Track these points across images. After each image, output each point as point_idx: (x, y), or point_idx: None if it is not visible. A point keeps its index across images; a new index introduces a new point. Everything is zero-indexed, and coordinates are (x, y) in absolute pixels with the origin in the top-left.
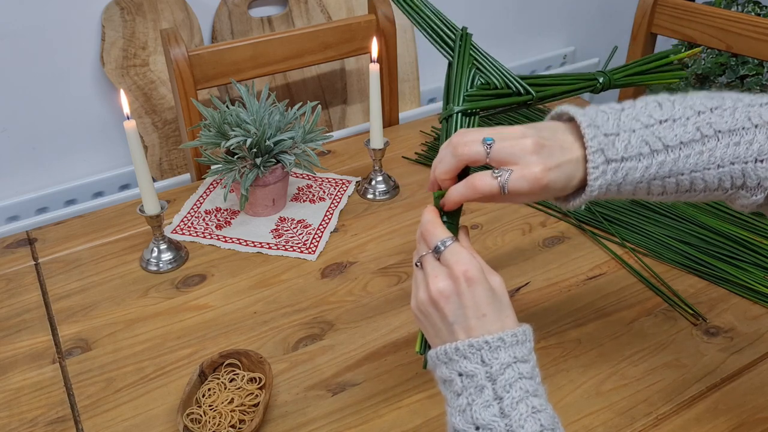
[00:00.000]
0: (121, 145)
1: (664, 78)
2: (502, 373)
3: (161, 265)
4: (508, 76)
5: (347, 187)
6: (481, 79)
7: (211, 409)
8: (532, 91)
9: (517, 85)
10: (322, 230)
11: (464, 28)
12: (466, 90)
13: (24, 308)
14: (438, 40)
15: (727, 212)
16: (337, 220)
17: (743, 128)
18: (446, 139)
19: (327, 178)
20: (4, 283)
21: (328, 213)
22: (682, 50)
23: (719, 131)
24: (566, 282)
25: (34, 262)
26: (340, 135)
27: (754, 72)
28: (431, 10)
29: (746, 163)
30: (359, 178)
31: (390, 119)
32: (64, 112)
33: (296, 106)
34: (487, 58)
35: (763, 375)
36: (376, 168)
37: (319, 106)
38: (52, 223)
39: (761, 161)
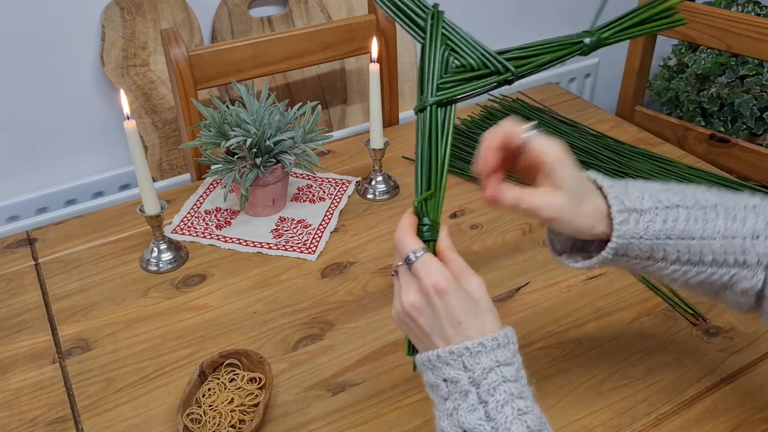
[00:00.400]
0: (121, 145)
1: (662, 26)
2: (485, 377)
3: (161, 265)
4: (485, 53)
5: (347, 187)
6: (456, 61)
7: (211, 409)
8: (512, 68)
9: (495, 62)
10: (322, 230)
11: (435, 6)
12: (440, 76)
13: (24, 308)
14: (407, 20)
15: None
16: (337, 220)
17: (735, 207)
18: (421, 134)
19: (327, 178)
20: (4, 283)
21: (328, 213)
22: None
23: (717, 204)
24: (566, 282)
25: (34, 262)
26: (340, 135)
27: (754, 72)
28: None
29: (744, 238)
30: (359, 178)
31: (390, 119)
32: (64, 112)
33: (296, 106)
34: (461, 37)
35: (762, 375)
36: (376, 168)
37: (319, 106)
38: (52, 223)
39: (757, 237)
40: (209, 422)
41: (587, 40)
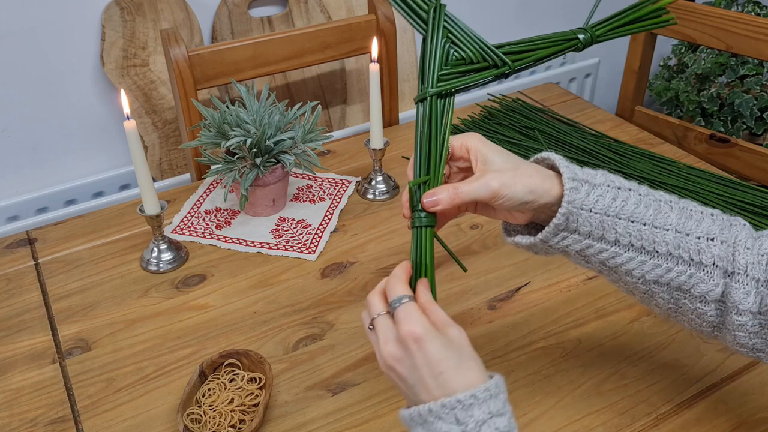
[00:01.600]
0: (121, 145)
1: (653, 25)
2: (478, 430)
3: (161, 265)
4: (484, 47)
5: (347, 187)
6: (456, 54)
7: (211, 409)
8: (509, 61)
9: (494, 56)
10: (322, 230)
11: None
12: (441, 68)
13: (24, 308)
14: (410, 12)
15: (727, 212)
16: (337, 220)
17: (690, 209)
18: (421, 123)
19: (327, 178)
20: (4, 283)
21: (328, 213)
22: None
23: (671, 201)
24: (566, 282)
25: (34, 262)
26: (340, 135)
27: (754, 72)
28: None
29: (699, 238)
30: (359, 178)
31: (390, 119)
32: (64, 112)
33: (296, 106)
34: (462, 30)
35: (762, 375)
36: (376, 168)
37: (319, 106)
38: (52, 223)
39: (712, 240)
40: (209, 422)
41: (581, 37)
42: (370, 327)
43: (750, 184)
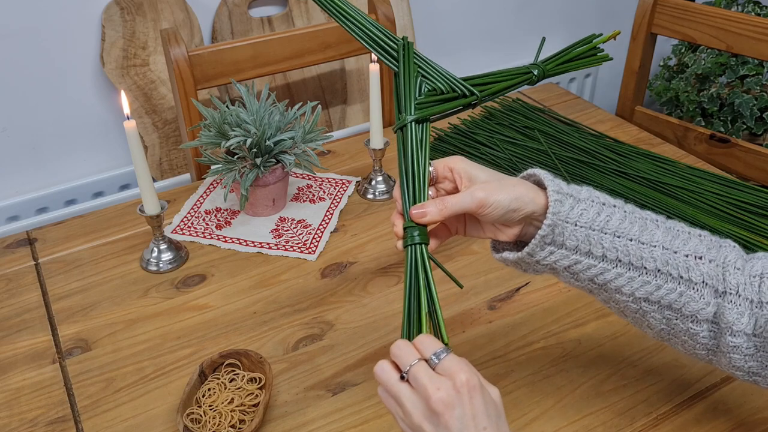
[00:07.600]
0: (121, 145)
1: (590, 63)
2: None
3: (161, 265)
4: (452, 79)
5: (347, 187)
6: (427, 86)
7: (211, 409)
8: (476, 92)
9: (462, 87)
10: (322, 230)
11: (404, 38)
12: (416, 98)
13: (24, 308)
14: (382, 52)
15: (727, 212)
16: (337, 220)
17: (678, 229)
18: (403, 149)
19: (327, 178)
20: (4, 283)
21: (328, 213)
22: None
23: (657, 220)
24: None
25: (34, 262)
26: (340, 135)
27: (754, 72)
28: (372, 24)
29: (687, 256)
30: (359, 178)
31: (390, 119)
32: (64, 112)
33: (296, 106)
34: (430, 65)
35: None
36: (376, 168)
37: (319, 106)
38: (52, 223)
39: (700, 258)
40: (209, 422)
41: (535, 72)
42: (403, 377)
43: (750, 184)
